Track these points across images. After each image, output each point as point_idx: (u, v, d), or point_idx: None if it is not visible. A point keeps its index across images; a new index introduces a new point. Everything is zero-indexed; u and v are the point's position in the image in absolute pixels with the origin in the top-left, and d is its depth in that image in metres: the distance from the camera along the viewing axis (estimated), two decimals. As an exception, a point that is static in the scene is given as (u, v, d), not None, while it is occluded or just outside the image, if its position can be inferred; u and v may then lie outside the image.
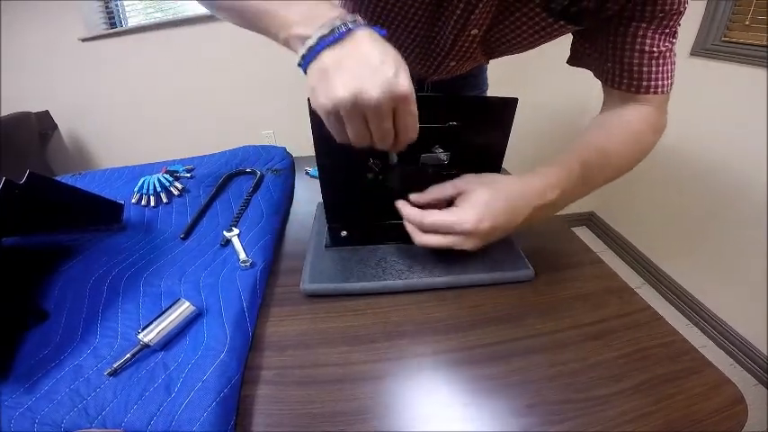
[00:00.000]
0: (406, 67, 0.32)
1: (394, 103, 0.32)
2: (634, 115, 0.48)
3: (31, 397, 0.33)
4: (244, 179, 0.70)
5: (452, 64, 0.59)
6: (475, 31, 0.50)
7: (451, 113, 0.43)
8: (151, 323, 0.37)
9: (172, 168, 0.72)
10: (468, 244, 0.40)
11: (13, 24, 1.53)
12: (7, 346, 0.38)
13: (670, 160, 1.44)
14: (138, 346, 0.36)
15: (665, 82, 0.46)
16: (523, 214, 0.41)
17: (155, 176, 0.66)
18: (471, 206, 0.39)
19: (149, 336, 0.36)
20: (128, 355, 0.35)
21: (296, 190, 0.71)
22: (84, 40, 1.57)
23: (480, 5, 0.45)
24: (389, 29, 0.53)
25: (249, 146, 0.82)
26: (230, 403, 0.33)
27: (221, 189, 0.66)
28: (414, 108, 0.33)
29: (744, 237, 1.22)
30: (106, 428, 0.31)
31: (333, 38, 0.31)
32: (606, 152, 0.46)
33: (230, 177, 0.70)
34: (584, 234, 1.96)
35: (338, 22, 0.31)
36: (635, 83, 0.46)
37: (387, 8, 0.50)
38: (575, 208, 1.94)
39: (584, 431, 0.31)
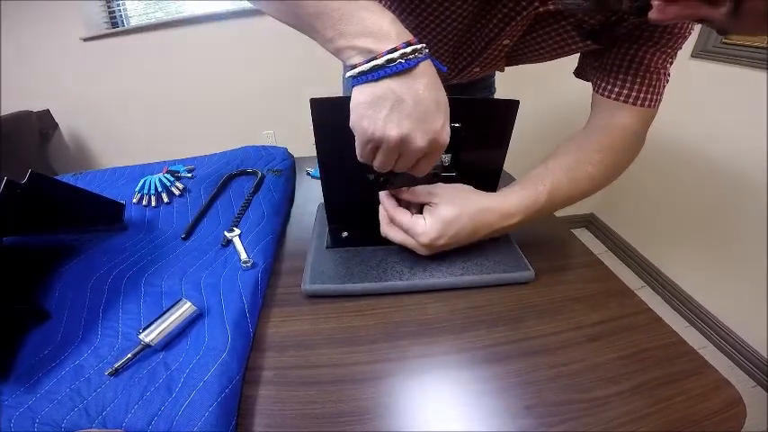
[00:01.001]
0: (449, 114, 0.34)
1: (431, 151, 0.34)
2: (617, 133, 0.48)
3: (31, 396, 0.33)
4: (245, 179, 0.70)
5: (476, 70, 0.60)
6: (507, 41, 0.51)
7: (453, 115, 0.43)
8: (152, 323, 0.37)
9: (173, 168, 0.72)
10: (421, 251, 0.44)
11: (14, 23, 1.53)
12: (8, 346, 0.38)
13: (670, 162, 1.44)
14: (140, 346, 0.36)
15: (655, 97, 0.46)
16: (483, 233, 0.44)
17: (156, 176, 0.66)
18: (435, 221, 0.42)
19: (150, 336, 0.36)
20: (129, 355, 0.35)
21: (297, 191, 0.71)
22: (85, 39, 1.57)
23: (519, 18, 0.46)
24: (425, 31, 0.53)
25: (250, 146, 0.82)
26: (231, 404, 0.33)
27: (222, 189, 0.66)
28: (439, 155, 0.36)
29: (744, 239, 1.22)
30: (107, 428, 0.31)
31: (401, 66, 0.30)
32: (576, 179, 0.46)
33: (231, 177, 0.70)
34: (583, 236, 1.96)
35: (409, 50, 0.30)
36: (625, 92, 0.46)
37: (426, 12, 0.49)
38: (574, 210, 1.95)
39: (584, 432, 0.31)
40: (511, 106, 0.44)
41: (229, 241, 0.52)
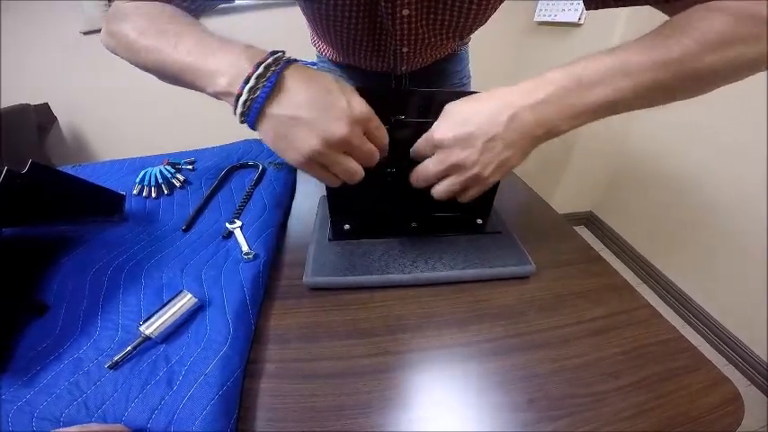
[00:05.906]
0: (352, 87, 0.33)
1: (362, 127, 0.32)
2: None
3: (29, 390, 0.33)
4: (246, 172, 0.69)
5: (405, 50, 0.58)
6: (406, 12, 0.49)
7: (430, 110, 0.42)
8: (152, 315, 0.37)
9: (173, 160, 0.71)
10: (455, 155, 0.34)
11: (13, 16, 1.51)
12: (6, 339, 0.37)
13: (669, 160, 1.45)
14: (140, 339, 0.36)
15: None
16: (503, 114, 0.34)
17: (156, 168, 0.65)
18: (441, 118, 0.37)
19: (151, 328, 0.36)
20: (129, 348, 0.35)
21: (298, 184, 0.71)
22: (85, 33, 1.55)
23: None
24: (337, 27, 0.52)
25: (251, 139, 0.82)
26: (233, 397, 0.32)
27: (223, 182, 0.66)
28: (377, 121, 0.34)
29: (742, 238, 1.23)
30: (106, 423, 0.30)
31: (264, 92, 0.30)
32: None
33: (232, 170, 0.69)
34: (582, 234, 1.96)
35: (261, 69, 0.30)
36: None
37: (329, 7, 0.50)
38: (573, 207, 1.95)
39: (584, 427, 0.31)
40: None
41: (231, 233, 0.52)
